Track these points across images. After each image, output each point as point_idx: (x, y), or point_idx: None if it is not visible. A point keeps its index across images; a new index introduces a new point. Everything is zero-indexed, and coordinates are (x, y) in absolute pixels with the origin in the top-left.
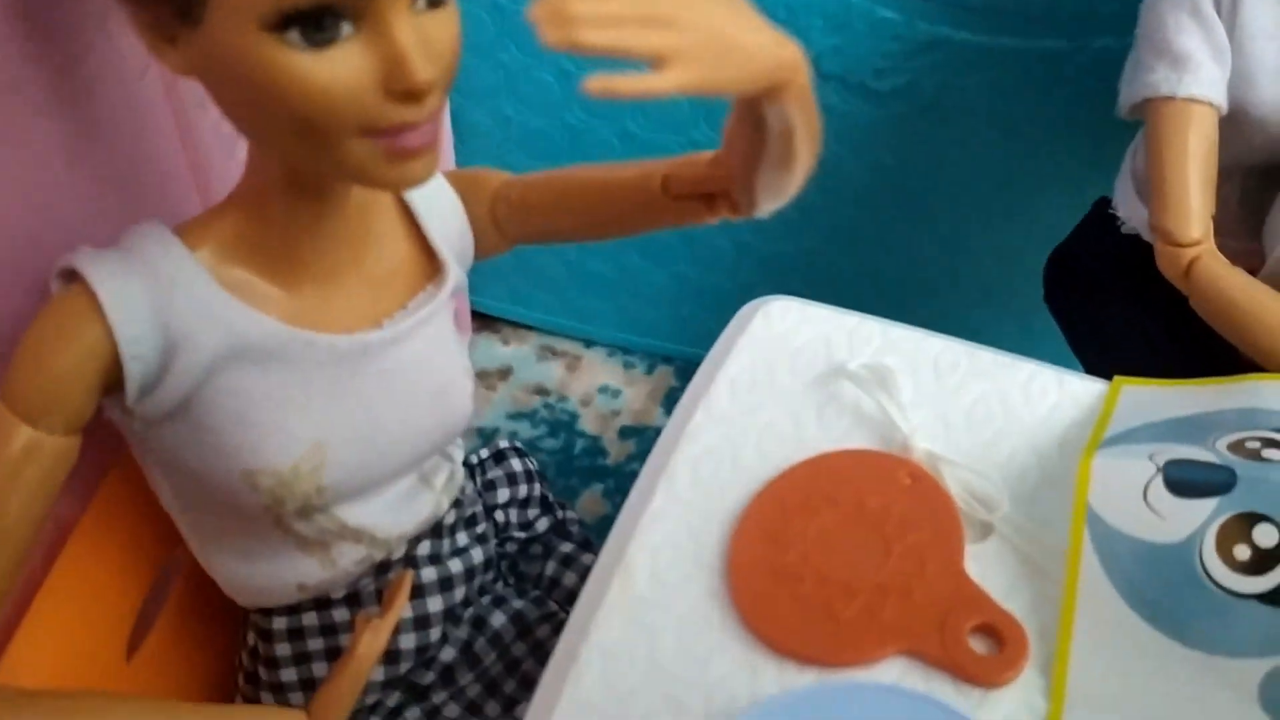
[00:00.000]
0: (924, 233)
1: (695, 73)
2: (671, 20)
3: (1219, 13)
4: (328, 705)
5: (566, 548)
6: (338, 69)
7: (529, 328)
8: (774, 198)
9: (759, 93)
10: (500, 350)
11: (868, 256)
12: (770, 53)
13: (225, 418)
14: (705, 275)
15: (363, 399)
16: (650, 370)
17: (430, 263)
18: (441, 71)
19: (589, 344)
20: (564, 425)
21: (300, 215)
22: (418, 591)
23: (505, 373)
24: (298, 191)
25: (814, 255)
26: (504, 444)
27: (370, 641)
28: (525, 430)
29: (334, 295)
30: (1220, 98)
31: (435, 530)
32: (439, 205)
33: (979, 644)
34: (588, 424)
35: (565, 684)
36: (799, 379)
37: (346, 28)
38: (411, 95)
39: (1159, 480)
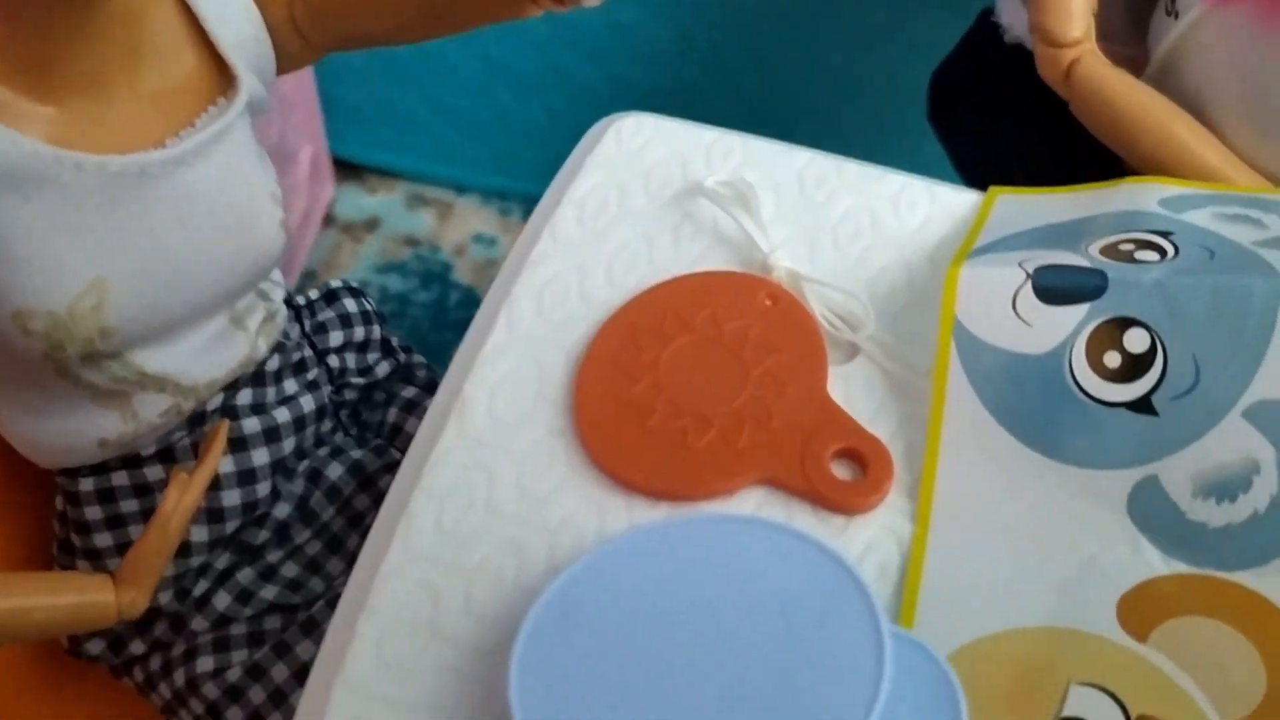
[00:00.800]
0: (806, 57)
1: None
2: None
3: None
4: (136, 568)
5: (410, 393)
6: None
7: (396, 175)
8: None
9: None
10: (366, 200)
11: (747, 85)
12: None
13: None
14: (579, 110)
15: (147, 229)
16: (527, 216)
17: (222, 75)
18: None
19: (461, 190)
20: (437, 277)
21: (57, 21)
22: (240, 444)
23: (372, 224)
24: None
25: (692, 86)
26: (335, 283)
27: (178, 498)
28: (395, 283)
29: (107, 113)
30: None
31: (257, 378)
32: (229, 10)
33: (842, 469)
34: (462, 275)
35: (395, 534)
36: (653, 199)
37: None
38: None
39: (1028, 288)
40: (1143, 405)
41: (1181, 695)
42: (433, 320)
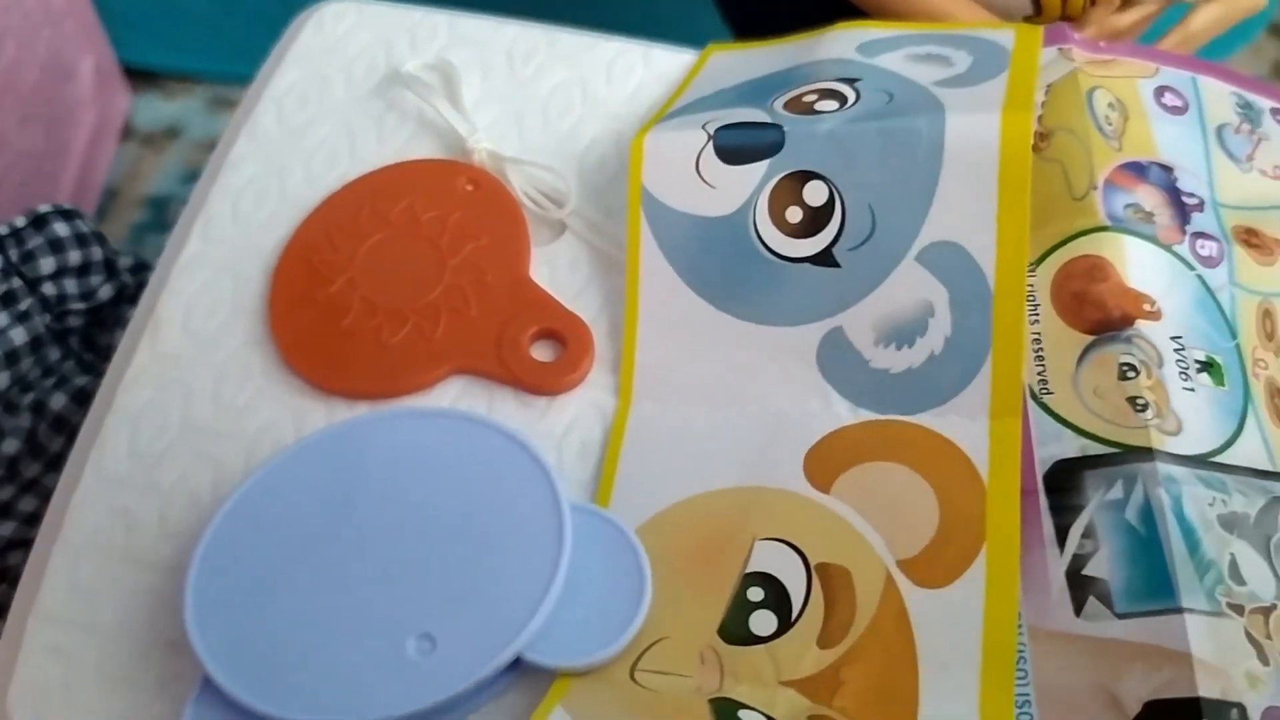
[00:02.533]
0: None
1: None
2: None
3: None
4: None
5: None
6: None
7: (194, 79)
8: None
9: None
10: (165, 108)
11: None
12: None
13: None
14: None
15: None
16: None
17: None
18: None
19: None
20: None
21: None
22: None
23: (173, 132)
24: None
25: None
26: (45, 207)
27: None
28: None
29: None
30: None
31: None
32: None
33: (544, 351)
34: None
35: (89, 460)
36: (355, 90)
37: None
38: None
39: (710, 148)
40: (825, 258)
41: (859, 541)
42: None
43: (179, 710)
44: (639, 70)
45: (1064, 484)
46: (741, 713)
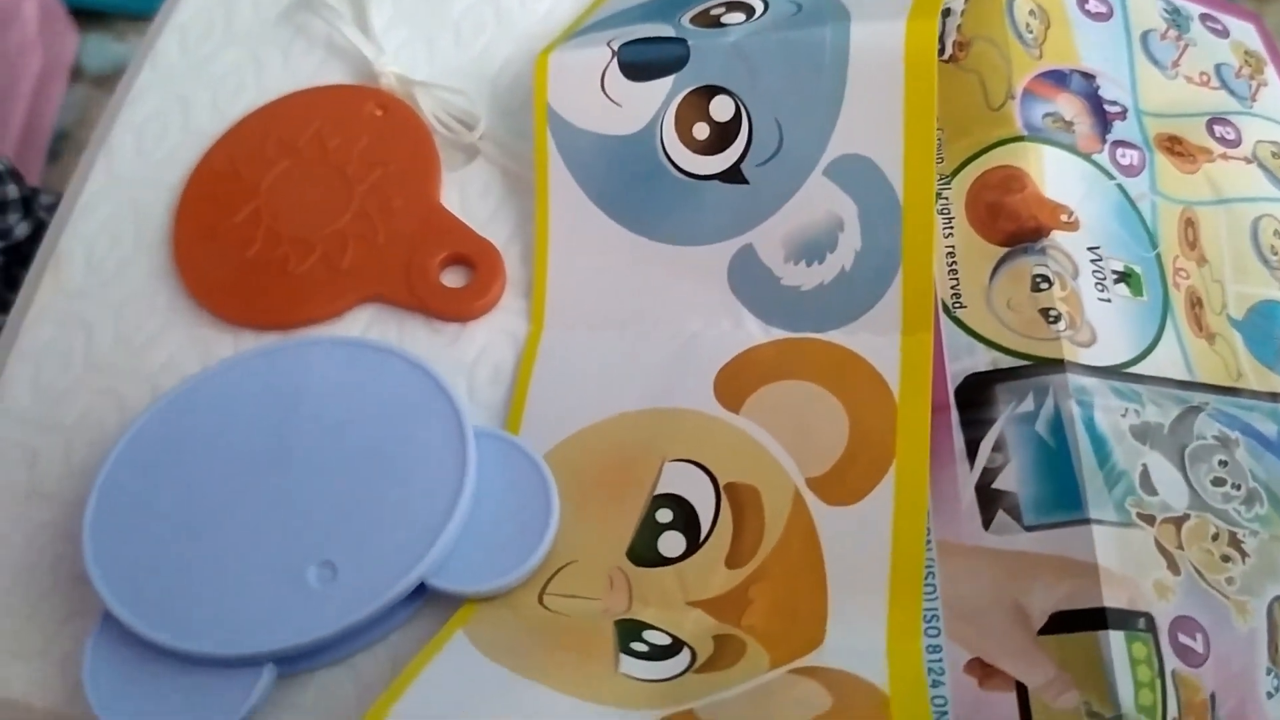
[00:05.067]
0: None
1: None
2: None
3: None
4: None
5: None
6: None
7: (144, 16)
8: None
9: None
10: (115, 48)
11: None
12: None
13: None
14: None
15: None
16: None
17: None
18: None
19: None
20: None
21: None
22: None
23: (124, 72)
24: None
25: None
26: None
27: None
28: None
29: None
30: None
31: None
32: None
33: (454, 277)
34: None
35: None
36: (261, 16)
37: None
38: None
39: (614, 65)
40: (733, 175)
41: (768, 459)
42: None
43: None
44: None
45: (975, 398)
46: (646, 633)
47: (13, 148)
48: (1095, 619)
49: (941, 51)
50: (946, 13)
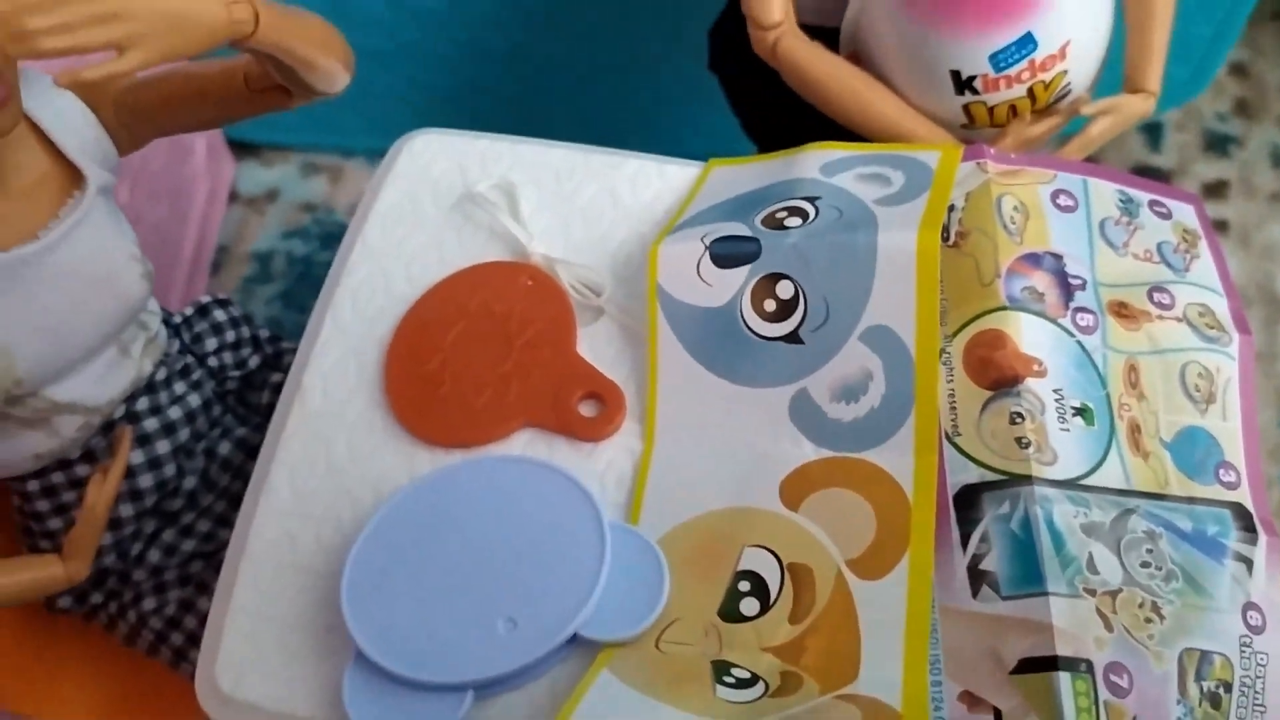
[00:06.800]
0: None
1: (154, 49)
2: (117, 13)
3: None
4: (74, 546)
5: (278, 377)
6: None
7: (288, 148)
8: (325, 85)
9: (229, 44)
10: (264, 174)
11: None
12: (219, 15)
13: None
14: (435, 78)
15: (34, 302)
16: None
17: (73, 172)
18: None
19: (348, 154)
20: (335, 237)
21: None
22: (145, 440)
23: (272, 195)
24: None
25: (527, 48)
26: (205, 298)
27: (96, 493)
28: (299, 247)
29: None
30: None
31: (150, 387)
32: (70, 119)
33: (588, 409)
34: None
35: (261, 496)
36: (439, 206)
37: None
38: None
39: (706, 256)
40: (793, 338)
41: (818, 546)
42: None
43: (338, 675)
44: (655, 181)
45: (968, 503)
46: (733, 670)
47: (187, 263)
48: (1050, 664)
49: (947, 238)
50: (951, 208)
